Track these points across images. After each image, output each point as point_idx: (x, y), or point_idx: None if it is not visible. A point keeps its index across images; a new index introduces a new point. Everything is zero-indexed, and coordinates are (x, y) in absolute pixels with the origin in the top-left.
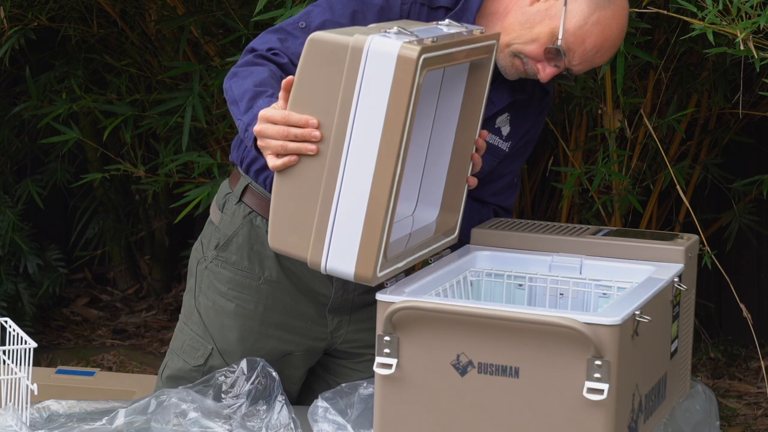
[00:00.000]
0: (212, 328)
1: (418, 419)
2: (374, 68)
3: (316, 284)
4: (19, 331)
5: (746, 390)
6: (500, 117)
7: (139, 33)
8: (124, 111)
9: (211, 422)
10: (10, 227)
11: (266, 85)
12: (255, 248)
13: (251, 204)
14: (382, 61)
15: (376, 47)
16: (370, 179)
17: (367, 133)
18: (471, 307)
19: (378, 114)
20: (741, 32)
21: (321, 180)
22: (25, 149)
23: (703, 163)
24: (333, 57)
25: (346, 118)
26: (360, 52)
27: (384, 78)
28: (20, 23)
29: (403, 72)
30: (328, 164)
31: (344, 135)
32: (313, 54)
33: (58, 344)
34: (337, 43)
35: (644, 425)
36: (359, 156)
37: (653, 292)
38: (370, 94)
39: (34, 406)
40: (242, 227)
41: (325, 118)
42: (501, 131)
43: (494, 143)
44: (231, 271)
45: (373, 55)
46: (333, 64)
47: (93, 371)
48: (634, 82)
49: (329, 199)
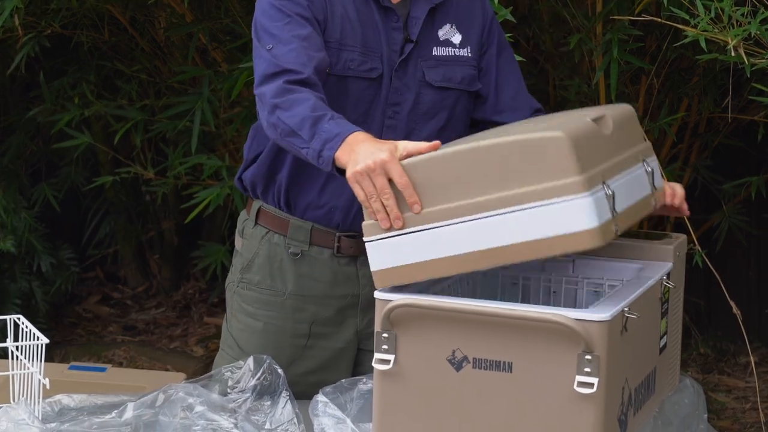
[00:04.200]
0: (246, 349)
1: (416, 413)
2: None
3: (343, 287)
4: (31, 328)
5: (735, 384)
6: (441, 30)
7: (148, 40)
8: (134, 115)
9: (217, 416)
10: (26, 228)
11: (320, 108)
12: (275, 265)
13: (266, 224)
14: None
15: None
16: None
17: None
18: (466, 304)
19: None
20: (732, 39)
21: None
22: (40, 153)
23: (694, 166)
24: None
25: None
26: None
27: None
28: (34, 30)
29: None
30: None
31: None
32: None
33: (71, 340)
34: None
35: (634, 418)
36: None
37: (642, 290)
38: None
39: (46, 400)
40: (261, 247)
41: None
42: (451, 41)
43: (453, 54)
44: (256, 291)
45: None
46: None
47: (104, 367)
48: (627, 87)
49: None
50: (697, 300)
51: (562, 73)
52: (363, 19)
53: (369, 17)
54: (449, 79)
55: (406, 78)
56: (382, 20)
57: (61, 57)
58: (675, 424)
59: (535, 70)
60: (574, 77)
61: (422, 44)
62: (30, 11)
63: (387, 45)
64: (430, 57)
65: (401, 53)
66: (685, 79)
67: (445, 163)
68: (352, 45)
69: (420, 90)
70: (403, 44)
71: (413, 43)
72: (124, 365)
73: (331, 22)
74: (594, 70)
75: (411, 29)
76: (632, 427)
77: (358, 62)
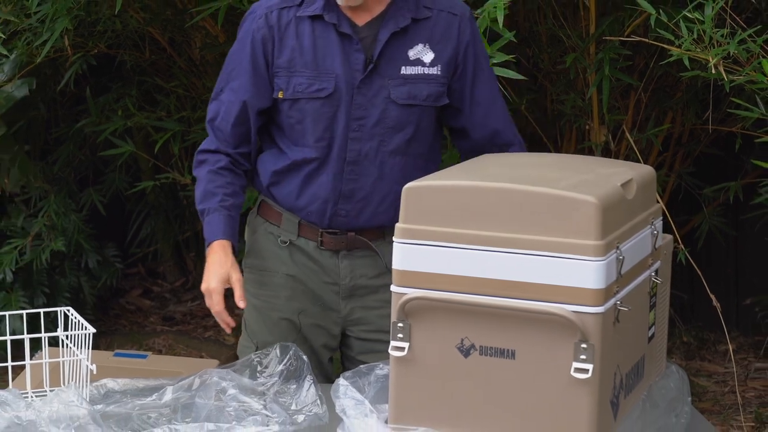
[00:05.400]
0: (251, 328)
1: (428, 395)
2: None
3: (326, 275)
4: (80, 319)
5: (715, 370)
6: (412, 50)
7: (185, 58)
8: (172, 126)
9: (248, 398)
10: (75, 229)
11: (206, 199)
12: (272, 250)
13: (264, 215)
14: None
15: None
16: None
17: None
18: (474, 298)
19: None
20: (713, 58)
21: None
22: (87, 161)
23: (678, 172)
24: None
25: None
26: None
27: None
28: (82, 50)
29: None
30: None
31: None
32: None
33: (115, 330)
34: None
35: (625, 400)
36: None
37: (632, 285)
38: None
39: (93, 384)
40: (260, 234)
41: None
42: (422, 60)
43: (421, 72)
44: (256, 273)
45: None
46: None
47: (146, 354)
48: (617, 102)
49: None
50: (681, 294)
51: (558, 88)
52: (319, 44)
53: (326, 42)
54: (414, 96)
55: (369, 94)
56: (341, 44)
57: (107, 74)
58: (662, 406)
59: (535, 86)
60: (570, 92)
61: (389, 64)
62: (78, 32)
63: (347, 65)
64: (398, 76)
65: (364, 71)
66: (670, 94)
67: (481, 194)
68: (301, 70)
69: (386, 106)
70: (366, 64)
71: (373, 63)
72: (163, 352)
73: (278, 55)
74: (588, 86)
75: (374, 50)
76: (623, 408)
77: (306, 85)
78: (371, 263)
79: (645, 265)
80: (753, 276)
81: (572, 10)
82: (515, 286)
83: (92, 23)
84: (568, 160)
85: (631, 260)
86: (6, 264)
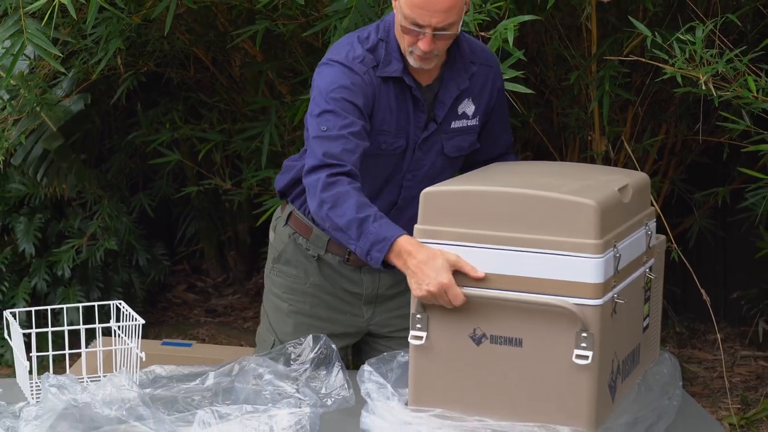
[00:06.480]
0: (274, 324)
1: (444, 380)
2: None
3: (350, 286)
4: (130, 311)
5: (704, 357)
6: (460, 104)
7: (226, 76)
8: (215, 137)
9: (282, 383)
10: (127, 230)
11: (364, 208)
12: (300, 260)
13: (294, 226)
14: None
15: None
16: None
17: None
18: (485, 291)
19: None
20: (703, 76)
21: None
22: (137, 169)
23: (671, 179)
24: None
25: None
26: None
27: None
28: (133, 68)
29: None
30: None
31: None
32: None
33: (163, 321)
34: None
35: (622, 384)
36: None
37: (629, 281)
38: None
39: (142, 370)
40: (289, 244)
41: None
42: (467, 113)
43: (465, 125)
44: (284, 278)
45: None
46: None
47: (190, 343)
48: (616, 115)
49: None
50: (674, 288)
51: (563, 103)
52: (399, 105)
53: (403, 103)
54: (461, 148)
55: (426, 148)
56: (413, 105)
57: (155, 90)
58: (656, 390)
59: (542, 101)
60: (574, 107)
61: (444, 121)
62: (130, 52)
63: (414, 124)
64: (449, 130)
65: (425, 129)
66: (665, 108)
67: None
68: (387, 129)
69: (436, 158)
70: (427, 122)
71: (436, 124)
72: (206, 341)
73: (375, 113)
74: (590, 100)
75: (437, 111)
76: (620, 392)
77: (390, 143)
78: (391, 275)
79: (640, 262)
80: (739, 272)
81: (576, 32)
82: (522, 281)
83: (142, 44)
84: (571, 167)
85: (627, 257)
86: (64, 261)
